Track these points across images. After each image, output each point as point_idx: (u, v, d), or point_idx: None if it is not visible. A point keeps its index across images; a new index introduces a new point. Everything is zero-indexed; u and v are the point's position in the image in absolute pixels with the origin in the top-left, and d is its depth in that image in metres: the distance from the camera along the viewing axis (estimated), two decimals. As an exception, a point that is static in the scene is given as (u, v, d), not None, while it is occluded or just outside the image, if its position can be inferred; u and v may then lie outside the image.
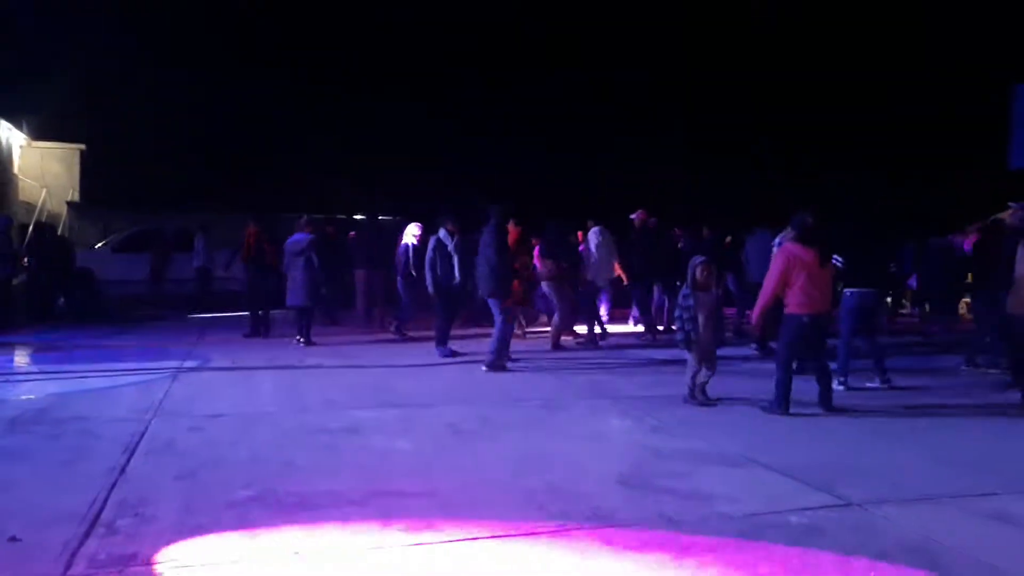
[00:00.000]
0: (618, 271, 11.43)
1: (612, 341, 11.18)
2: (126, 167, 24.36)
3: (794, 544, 3.70)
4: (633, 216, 12.01)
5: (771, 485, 4.60)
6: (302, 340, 10.34)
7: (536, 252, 10.56)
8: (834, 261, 7.44)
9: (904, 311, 14.45)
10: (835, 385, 7.11)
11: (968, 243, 9.41)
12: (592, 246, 10.86)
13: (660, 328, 11.90)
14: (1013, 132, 12.57)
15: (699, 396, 6.80)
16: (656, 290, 12.29)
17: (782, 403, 6.43)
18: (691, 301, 6.70)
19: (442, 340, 9.52)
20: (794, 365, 6.59)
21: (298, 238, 10.56)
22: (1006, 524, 4.00)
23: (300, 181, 23.57)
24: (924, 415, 6.59)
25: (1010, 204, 7.39)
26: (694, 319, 6.68)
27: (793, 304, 6.51)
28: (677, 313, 6.84)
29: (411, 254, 10.80)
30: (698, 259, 6.93)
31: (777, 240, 8.53)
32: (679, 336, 6.79)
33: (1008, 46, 19.85)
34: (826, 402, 6.55)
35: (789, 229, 7.68)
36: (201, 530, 3.79)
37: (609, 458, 5.14)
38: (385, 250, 12.68)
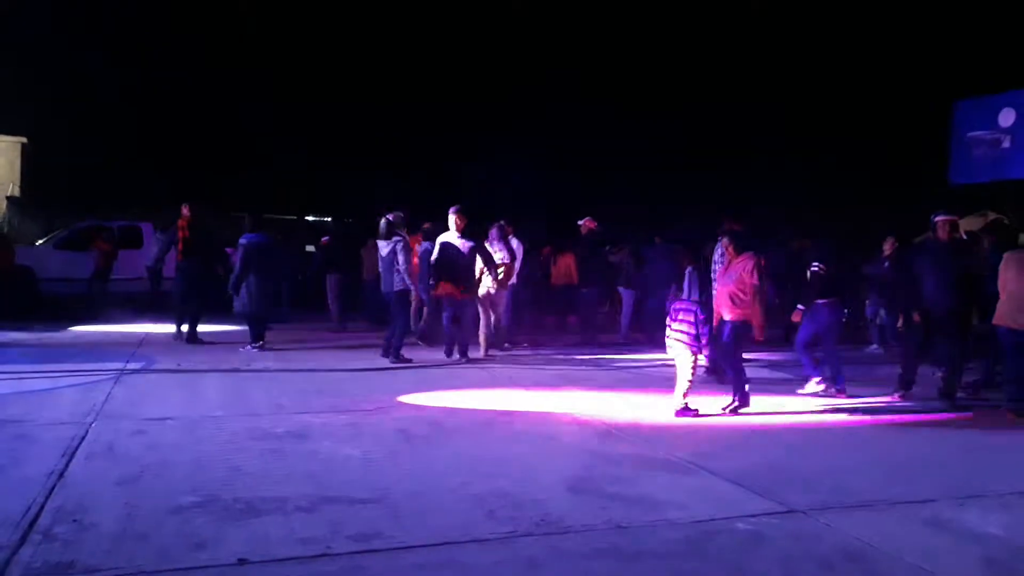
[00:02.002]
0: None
1: (567, 348, 11.24)
2: (71, 162, 23.70)
3: (740, 551, 3.77)
4: (580, 222, 12.08)
5: (718, 492, 4.67)
6: (254, 346, 10.08)
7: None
8: (814, 269, 7.72)
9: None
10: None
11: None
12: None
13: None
14: (953, 149, 13.00)
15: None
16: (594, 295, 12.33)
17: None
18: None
19: (398, 346, 9.42)
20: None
21: (256, 239, 10.14)
22: (941, 530, 4.13)
23: (257, 181, 23.22)
24: (865, 421, 6.76)
25: (935, 216, 7.58)
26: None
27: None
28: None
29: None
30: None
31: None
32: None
33: (949, 64, 20.53)
34: None
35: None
36: (143, 538, 3.71)
37: (560, 464, 5.16)
38: (355, 254, 12.72)
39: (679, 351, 6.71)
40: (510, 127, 23.95)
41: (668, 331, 6.80)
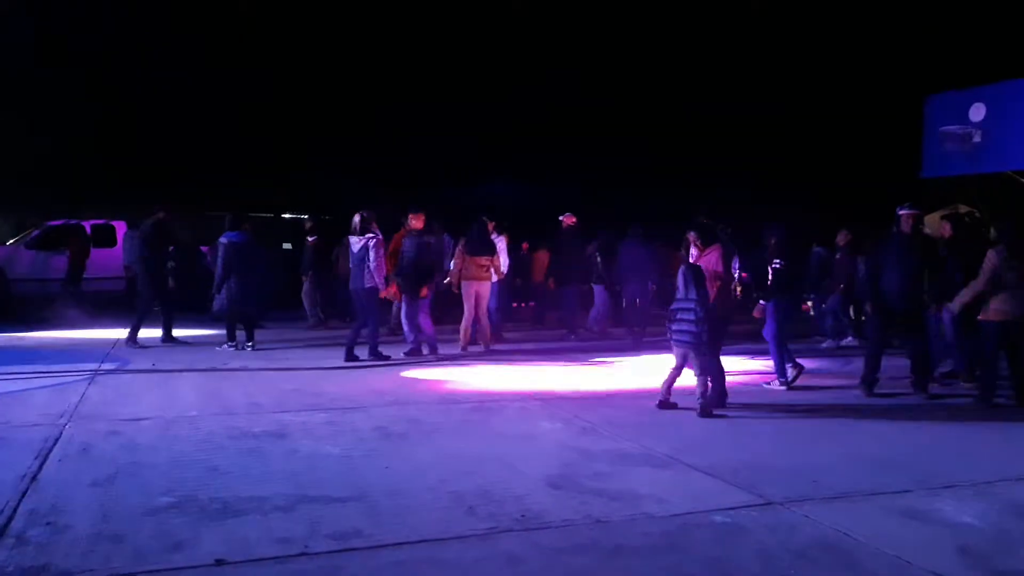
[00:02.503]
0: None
1: (548, 343, 11.25)
2: (43, 159, 23.34)
3: (718, 544, 3.79)
4: (561, 218, 12.12)
5: (696, 485, 4.70)
6: (230, 345, 10.01)
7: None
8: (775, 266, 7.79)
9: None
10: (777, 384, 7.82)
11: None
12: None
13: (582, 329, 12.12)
14: (925, 143, 13.11)
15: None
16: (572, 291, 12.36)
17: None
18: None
19: (374, 344, 9.39)
20: None
21: (236, 238, 10.06)
22: (917, 520, 4.17)
23: (232, 180, 22.98)
24: (841, 414, 6.82)
25: (899, 210, 7.65)
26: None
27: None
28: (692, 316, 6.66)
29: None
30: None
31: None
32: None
33: (920, 58, 20.73)
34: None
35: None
36: (118, 539, 3.66)
37: (539, 460, 5.16)
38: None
39: (683, 351, 6.67)
40: (500, 127, 23.96)
41: (669, 331, 6.74)
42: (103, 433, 5.60)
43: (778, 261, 7.84)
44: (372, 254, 9.11)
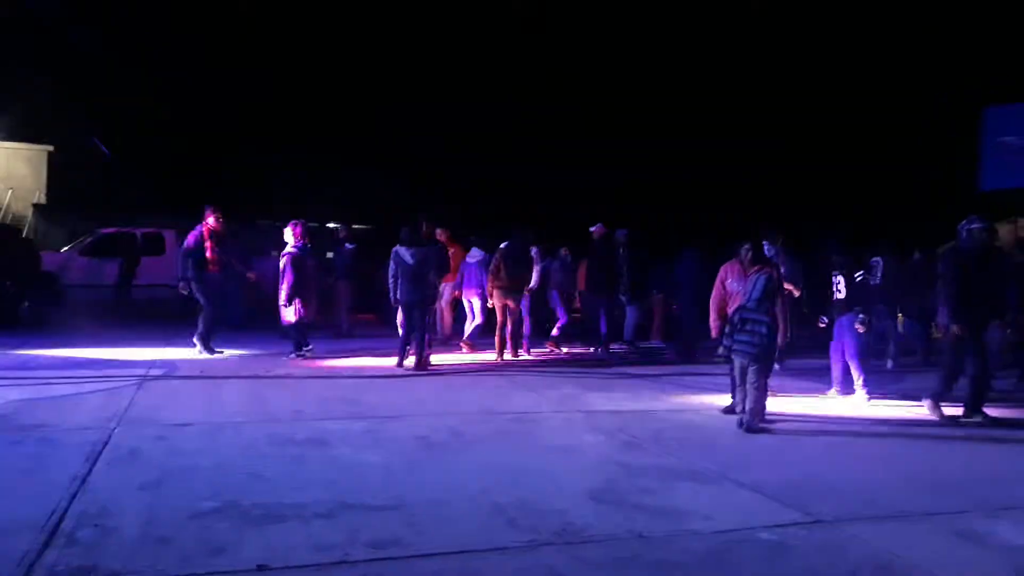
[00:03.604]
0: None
1: (581, 355, 11.18)
2: (96, 169, 24.02)
3: (763, 562, 3.70)
4: (592, 229, 12.01)
5: (742, 502, 4.60)
6: (298, 354, 10.03)
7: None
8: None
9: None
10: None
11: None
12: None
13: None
14: (984, 155, 12.79)
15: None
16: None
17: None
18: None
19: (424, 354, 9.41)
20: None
21: (303, 248, 10.17)
22: (973, 542, 4.03)
23: (275, 188, 23.39)
24: (894, 432, 6.65)
25: (971, 224, 7.32)
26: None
27: None
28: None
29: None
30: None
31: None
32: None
33: (978, 69, 20.25)
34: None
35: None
36: (164, 542, 3.71)
37: (581, 473, 5.11)
38: (364, 261, 12.76)
39: (744, 362, 6.49)
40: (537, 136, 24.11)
41: (732, 341, 6.55)
42: (151, 437, 5.69)
43: (860, 273, 7.79)
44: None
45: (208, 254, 10.01)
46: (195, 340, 10.04)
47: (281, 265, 10.09)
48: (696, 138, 24.16)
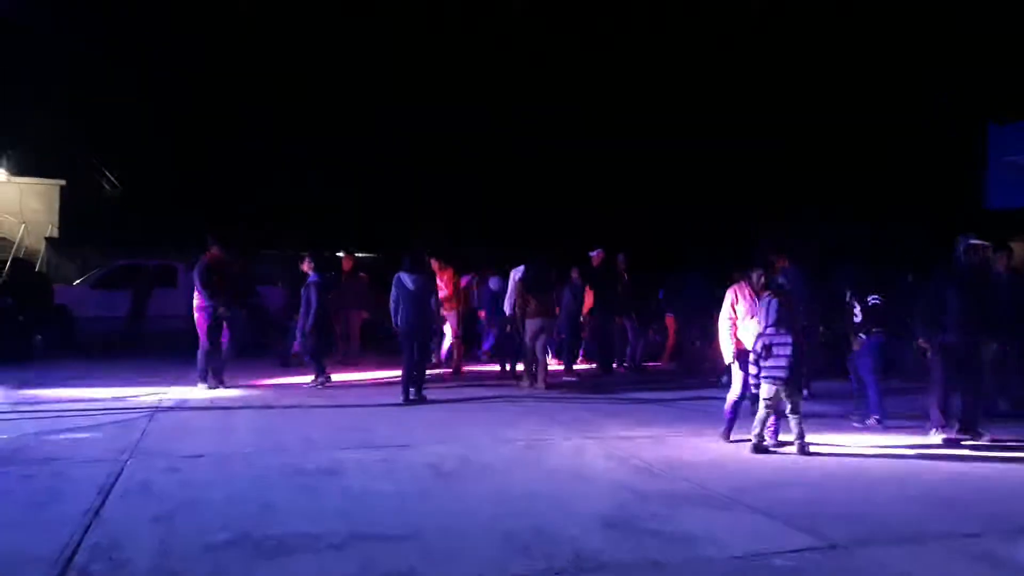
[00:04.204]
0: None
1: (592, 380, 11.16)
2: (107, 203, 24.29)
3: (780, 588, 3.67)
4: (592, 254, 12.03)
5: (755, 526, 4.57)
6: (317, 383, 10.13)
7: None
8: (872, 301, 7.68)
9: None
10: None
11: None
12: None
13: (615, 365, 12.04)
14: (990, 173, 12.77)
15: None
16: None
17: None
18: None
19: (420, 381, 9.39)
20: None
21: (323, 277, 10.37)
22: (990, 565, 3.99)
23: (283, 219, 23.57)
24: (903, 454, 6.59)
25: (968, 239, 7.33)
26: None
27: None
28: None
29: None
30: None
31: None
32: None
33: (982, 85, 20.29)
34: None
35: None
36: (177, 575, 3.70)
37: (593, 499, 5.09)
38: (369, 288, 12.84)
39: (776, 387, 6.47)
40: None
41: (760, 368, 6.53)
42: (162, 469, 5.70)
43: (875, 297, 7.78)
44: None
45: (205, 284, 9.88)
46: (197, 379, 9.97)
47: (303, 295, 10.20)
48: (698, 151, 24.27)
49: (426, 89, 26.29)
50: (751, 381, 6.68)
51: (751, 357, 6.62)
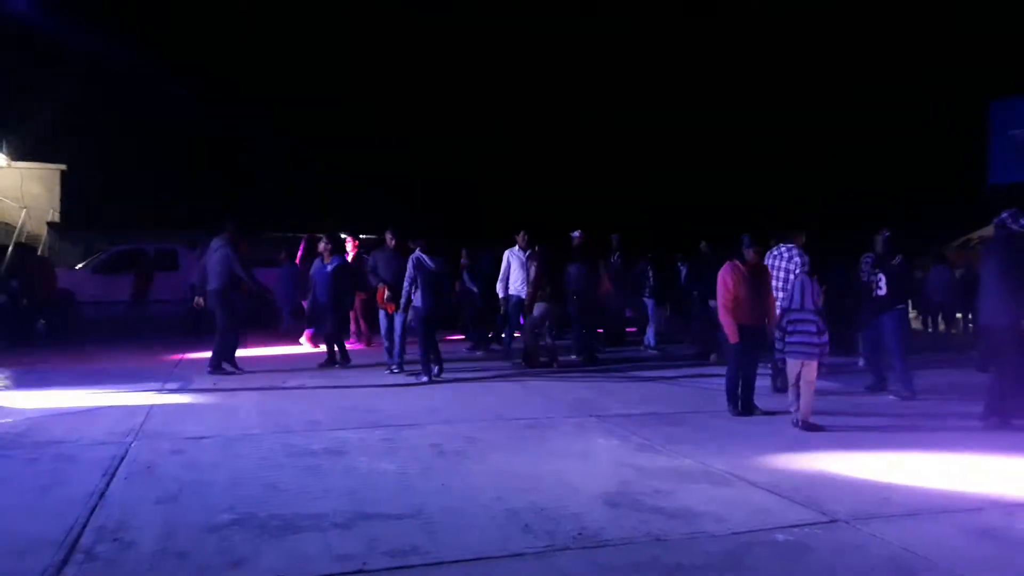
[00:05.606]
0: None
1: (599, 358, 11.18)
2: (108, 188, 24.24)
3: (780, 563, 3.69)
4: (574, 235, 11.95)
5: (757, 502, 4.59)
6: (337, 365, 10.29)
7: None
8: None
9: None
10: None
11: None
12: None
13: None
14: (992, 148, 12.71)
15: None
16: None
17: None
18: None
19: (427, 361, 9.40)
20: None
21: (342, 261, 10.52)
22: (991, 539, 4.01)
23: (284, 201, 23.55)
24: (908, 428, 6.61)
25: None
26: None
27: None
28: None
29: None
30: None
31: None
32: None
33: (985, 63, 20.15)
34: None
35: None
36: (182, 556, 3.73)
37: (595, 477, 5.11)
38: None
39: (800, 362, 6.58)
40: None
41: (786, 343, 6.65)
42: (167, 451, 5.73)
43: (898, 260, 7.90)
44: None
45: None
46: (210, 364, 9.84)
47: (329, 277, 10.31)
48: (706, 137, 24.21)
49: (427, 71, 26.21)
50: (776, 357, 6.84)
51: (777, 333, 6.74)
